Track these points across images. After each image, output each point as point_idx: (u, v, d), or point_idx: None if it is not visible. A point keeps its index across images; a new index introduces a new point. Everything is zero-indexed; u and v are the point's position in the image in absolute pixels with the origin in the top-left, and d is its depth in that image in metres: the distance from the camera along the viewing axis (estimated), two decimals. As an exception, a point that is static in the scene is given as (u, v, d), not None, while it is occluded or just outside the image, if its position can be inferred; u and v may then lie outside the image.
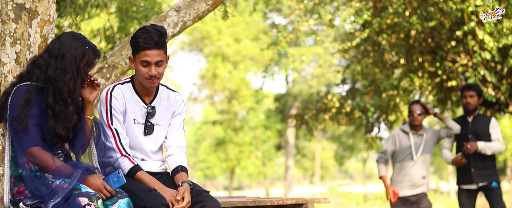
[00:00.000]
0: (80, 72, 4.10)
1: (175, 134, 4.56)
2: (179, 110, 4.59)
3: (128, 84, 4.47)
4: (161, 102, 4.52)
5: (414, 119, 8.15)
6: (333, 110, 12.90)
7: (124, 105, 4.39)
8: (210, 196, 4.34)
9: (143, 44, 4.26)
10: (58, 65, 4.06)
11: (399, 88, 11.36)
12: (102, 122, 4.35)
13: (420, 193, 8.25)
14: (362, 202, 42.97)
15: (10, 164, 4.05)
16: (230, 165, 33.78)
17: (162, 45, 4.31)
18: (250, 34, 33.50)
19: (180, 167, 4.43)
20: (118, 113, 4.36)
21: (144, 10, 11.85)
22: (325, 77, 34.87)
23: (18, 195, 4.01)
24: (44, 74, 4.07)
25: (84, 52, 4.11)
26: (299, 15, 12.46)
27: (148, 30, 4.28)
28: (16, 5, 5.05)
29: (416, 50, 11.74)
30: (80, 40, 4.16)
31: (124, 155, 4.30)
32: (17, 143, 4.00)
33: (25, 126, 3.96)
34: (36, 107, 4.00)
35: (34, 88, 4.03)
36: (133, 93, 4.44)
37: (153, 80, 4.33)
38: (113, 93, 4.39)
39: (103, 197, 3.95)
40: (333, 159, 53.90)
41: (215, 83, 32.90)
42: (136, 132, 4.43)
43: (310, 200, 5.03)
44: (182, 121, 4.62)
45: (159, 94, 4.53)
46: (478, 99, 8.23)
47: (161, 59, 4.31)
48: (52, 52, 4.12)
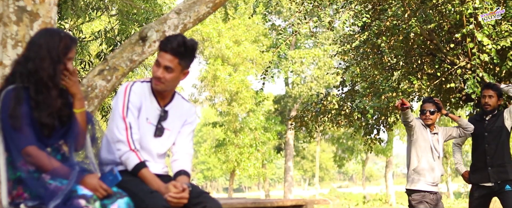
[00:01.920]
0: (60, 58, 4.12)
1: (184, 141, 4.60)
2: (190, 119, 4.64)
3: (148, 84, 4.52)
4: (175, 109, 4.57)
5: (426, 119, 7.67)
6: (332, 112, 12.91)
7: (141, 102, 4.43)
8: (210, 197, 4.36)
9: (162, 45, 4.34)
10: (36, 55, 4.09)
11: (398, 90, 11.37)
12: (116, 114, 4.39)
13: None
14: (361, 203, 42.98)
15: (6, 167, 4.04)
16: (230, 167, 33.79)
17: (179, 54, 4.33)
18: (250, 36, 33.55)
19: (183, 171, 4.47)
20: (134, 108, 4.40)
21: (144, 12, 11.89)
22: (325, 79, 34.92)
23: (18, 198, 3.99)
24: (25, 69, 4.09)
25: (60, 38, 4.13)
26: (298, 17, 12.49)
27: (176, 37, 4.34)
28: (18, 8, 5.08)
29: (415, 52, 11.77)
30: (54, 31, 4.20)
31: (132, 149, 4.33)
32: (12, 144, 3.99)
33: (20, 126, 3.98)
34: (26, 105, 4.03)
35: (21, 88, 4.05)
36: (150, 93, 4.49)
37: (157, 81, 4.38)
38: (133, 88, 4.43)
39: (100, 196, 3.97)
40: (332, 160, 53.85)
41: (215, 85, 32.92)
42: (146, 132, 4.46)
43: (310, 201, 5.06)
44: (192, 131, 4.66)
45: (174, 100, 4.58)
46: (497, 100, 7.99)
47: (170, 66, 4.33)
48: (30, 47, 4.15)
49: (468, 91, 9.50)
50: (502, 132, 7.92)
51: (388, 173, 43.89)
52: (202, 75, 34.42)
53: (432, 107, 7.63)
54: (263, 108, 34.77)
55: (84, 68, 12.48)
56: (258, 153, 34.04)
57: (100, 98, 5.82)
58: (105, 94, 5.83)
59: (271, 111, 38.36)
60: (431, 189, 7.59)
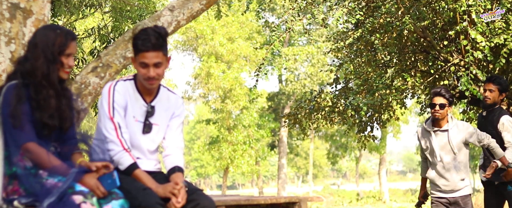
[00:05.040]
0: (55, 56, 4.13)
1: (173, 135, 4.58)
2: (178, 112, 4.62)
3: (131, 81, 4.50)
4: (161, 103, 4.55)
5: (435, 112, 6.91)
6: (326, 109, 12.92)
7: (126, 101, 4.42)
8: (204, 195, 4.37)
9: (141, 46, 4.29)
10: (32, 54, 4.11)
11: (391, 87, 11.38)
12: (103, 115, 4.38)
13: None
14: (355, 200, 43.07)
15: (3, 162, 4.05)
16: (224, 164, 33.81)
17: (161, 47, 4.33)
18: (243, 33, 33.58)
19: (177, 167, 4.45)
20: (120, 108, 4.39)
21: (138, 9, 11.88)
22: (318, 76, 34.97)
23: (12, 193, 4.00)
24: (24, 68, 4.11)
25: (55, 36, 4.13)
26: (292, 14, 12.48)
27: (148, 32, 4.30)
28: (11, 5, 5.07)
29: (408, 49, 11.78)
30: (51, 28, 4.21)
31: (125, 149, 4.33)
32: (12, 140, 4.00)
33: (20, 124, 3.99)
34: (26, 103, 4.03)
35: (22, 85, 4.06)
36: (134, 91, 4.47)
37: (151, 81, 4.36)
38: (116, 87, 4.42)
39: (96, 196, 3.97)
40: (326, 158, 53.93)
41: (209, 82, 32.94)
42: (135, 130, 4.46)
43: (303, 198, 5.06)
44: (181, 123, 4.64)
45: (159, 94, 4.56)
46: (499, 94, 7.52)
47: (159, 61, 4.33)
48: (28, 47, 4.18)
49: (461, 89, 9.50)
50: (493, 133, 7.32)
51: (381, 170, 43.98)
52: (195, 72, 34.44)
53: (442, 100, 6.90)
54: (256, 105, 34.80)
55: (77, 65, 12.45)
56: (251, 150, 34.08)
57: (93, 95, 5.82)
58: (99, 91, 5.83)
59: (264, 108, 38.39)
60: (445, 196, 7.06)
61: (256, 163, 36.23)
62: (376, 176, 74.09)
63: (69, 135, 4.26)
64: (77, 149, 4.30)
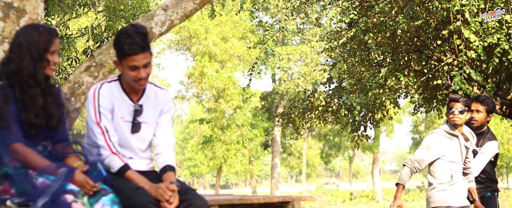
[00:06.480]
0: (41, 54, 4.12)
1: (164, 131, 4.56)
2: (167, 108, 4.58)
3: (116, 82, 4.46)
4: (149, 100, 4.52)
5: (455, 118, 6.54)
6: (319, 109, 12.93)
7: (112, 104, 4.39)
8: (197, 194, 4.36)
9: (129, 50, 4.22)
10: (16, 55, 4.09)
11: (385, 86, 11.39)
12: (89, 120, 4.36)
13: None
14: (348, 200, 43.11)
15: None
16: (217, 163, 33.80)
17: (147, 47, 4.29)
18: (237, 33, 33.56)
19: (168, 166, 4.43)
20: (106, 111, 4.36)
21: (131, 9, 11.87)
22: (312, 75, 34.98)
23: (4, 193, 3.98)
24: (8, 69, 4.09)
25: (39, 35, 4.12)
26: (286, 14, 12.49)
27: (131, 35, 4.23)
28: (4, 4, 5.06)
29: (402, 49, 11.79)
30: (33, 27, 4.19)
31: (114, 152, 4.30)
32: (0, 141, 4.00)
33: (7, 125, 3.97)
34: (13, 104, 4.02)
35: (7, 86, 4.05)
36: (120, 91, 4.44)
37: (142, 82, 4.35)
38: (101, 91, 4.38)
39: (87, 192, 3.97)
40: (319, 157, 53.95)
41: (202, 82, 32.91)
42: (124, 130, 4.43)
43: (297, 198, 5.06)
44: (171, 118, 4.62)
45: (146, 92, 4.52)
46: (487, 116, 7.15)
47: (148, 61, 4.30)
48: (12, 47, 4.16)
49: (455, 88, 9.52)
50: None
51: (375, 169, 44.04)
52: (189, 71, 34.40)
53: (461, 106, 6.52)
54: (250, 105, 34.80)
55: (70, 64, 12.44)
56: (245, 150, 34.08)
57: (86, 95, 5.81)
58: (92, 91, 5.81)
59: (258, 108, 38.39)
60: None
61: (250, 162, 36.23)
62: (369, 176, 74.15)
63: (61, 134, 4.25)
64: (71, 150, 4.28)
